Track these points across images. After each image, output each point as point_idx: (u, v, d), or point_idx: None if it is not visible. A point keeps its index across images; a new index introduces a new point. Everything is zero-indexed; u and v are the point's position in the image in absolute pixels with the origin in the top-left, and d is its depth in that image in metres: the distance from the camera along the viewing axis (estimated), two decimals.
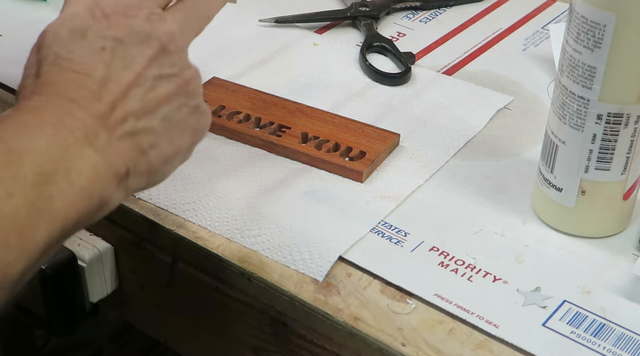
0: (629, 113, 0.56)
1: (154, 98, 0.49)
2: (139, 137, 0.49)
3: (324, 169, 0.67)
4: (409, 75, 0.77)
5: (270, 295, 0.59)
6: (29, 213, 0.42)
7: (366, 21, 0.84)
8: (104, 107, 0.47)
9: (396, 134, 0.69)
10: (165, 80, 0.50)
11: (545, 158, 0.61)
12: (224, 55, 0.80)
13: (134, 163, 0.48)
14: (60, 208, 0.44)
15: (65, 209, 0.44)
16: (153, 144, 0.49)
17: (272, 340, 0.61)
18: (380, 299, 0.57)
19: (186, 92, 0.51)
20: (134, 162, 0.48)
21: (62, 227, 0.44)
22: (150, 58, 0.50)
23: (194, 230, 0.62)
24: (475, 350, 0.54)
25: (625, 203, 0.61)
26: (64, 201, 0.44)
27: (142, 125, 0.49)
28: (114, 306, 0.71)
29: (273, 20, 0.85)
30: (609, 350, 0.54)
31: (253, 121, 0.70)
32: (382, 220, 0.63)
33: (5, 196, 0.42)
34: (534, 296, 0.57)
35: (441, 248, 0.61)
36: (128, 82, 0.48)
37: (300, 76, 0.78)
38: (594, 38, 0.54)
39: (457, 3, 0.90)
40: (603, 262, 0.60)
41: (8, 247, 0.42)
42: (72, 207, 0.44)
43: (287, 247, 0.60)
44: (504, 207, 0.64)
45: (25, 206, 0.42)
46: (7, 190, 0.42)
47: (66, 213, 0.44)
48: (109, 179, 0.47)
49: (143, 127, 0.49)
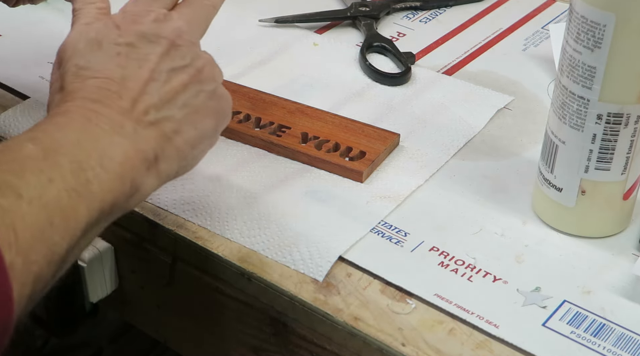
0: (629, 113, 0.56)
1: (170, 89, 0.54)
2: (162, 124, 0.53)
3: (324, 169, 0.67)
4: (409, 75, 0.77)
5: (270, 295, 0.59)
6: (70, 197, 0.47)
7: (366, 21, 0.84)
8: (126, 103, 0.52)
9: (396, 134, 0.69)
10: (179, 72, 0.55)
11: (545, 158, 0.61)
12: (224, 55, 0.80)
13: (161, 149, 0.52)
14: (97, 191, 0.48)
15: (101, 193, 0.48)
16: (176, 130, 0.53)
17: (272, 340, 0.61)
18: (380, 299, 0.57)
19: (200, 79, 0.56)
20: (161, 147, 0.52)
21: (100, 209, 0.48)
22: (162, 54, 0.54)
23: (194, 230, 0.62)
24: (475, 350, 0.54)
25: (625, 203, 0.61)
26: (99, 185, 0.48)
27: (163, 114, 0.53)
28: (114, 306, 0.71)
29: (273, 20, 0.85)
30: (609, 350, 0.54)
31: (253, 121, 0.70)
32: (382, 220, 0.63)
33: (46, 182, 0.46)
34: (534, 296, 0.57)
35: (441, 248, 0.61)
36: (145, 78, 0.53)
37: (300, 76, 0.78)
38: (594, 38, 0.54)
39: (457, 3, 0.90)
40: (603, 262, 0.60)
41: (53, 227, 0.46)
42: (108, 191, 0.49)
43: (287, 247, 0.60)
44: (504, 207, 0.64)
45: (66, 190, 0.47)
46: (48, 177, 0.46)
47: (103, 197, 0.48)
48: (139, 163, 0.51)
49: (164, 116, 0.53)
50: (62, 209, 0.46)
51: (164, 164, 0.53)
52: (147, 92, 0.53)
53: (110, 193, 0.49)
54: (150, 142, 0.52)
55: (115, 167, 0.49)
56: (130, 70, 0.53)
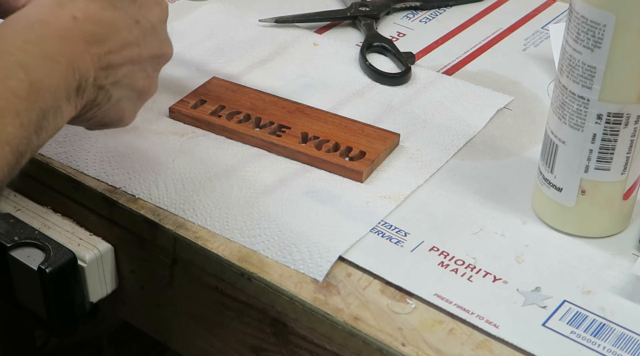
0: (629, 113, 0.56)
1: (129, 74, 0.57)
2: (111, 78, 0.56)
3: (324, 169, 0.67)
4: (409, 75, 0.77)
5: (270, 295, 0.59)
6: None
7: (366, 21, 0.84)
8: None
9: (396, 134, 0.69)
10: (145, 76, 0.59)
11: (545, 158, 0.61)
12: (224, 55, 0.80)
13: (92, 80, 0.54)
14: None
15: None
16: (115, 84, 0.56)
17: (272, 340, 0.61)
18: (380, 299, 0.57)
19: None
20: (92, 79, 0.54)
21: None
22: (155, 56, 0.59)
23: (194, 230, 0.62)
24: (475, 350, 0.54)
25: (625, 203, 0.61)
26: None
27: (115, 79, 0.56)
28: (114, 306, 0.71)
29: (273, 20, 0.85)
30: (609, 350, 0.54)
31: (253, 121, 0.70)
32: (382, 220, 0.63)
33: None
34: (534, 296, 0.57)
35: (441, 248, 0.61)
36: (130, 56, 0.57)
37: (300, 76, 0.78)
38: (593, 38, 0.54)
39: (457, 3, 0.90)
40: (603, 262, 0.60)
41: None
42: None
43: (287, 247, 0.60)
44: (504, 207, 0.64)
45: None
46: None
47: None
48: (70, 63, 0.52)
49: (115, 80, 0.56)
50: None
51: (87, 91, 0.54)
52: (121, 64, 0.56)
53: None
54: (89, 69, 0.53)
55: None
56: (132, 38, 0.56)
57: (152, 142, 0.69)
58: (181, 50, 0.80)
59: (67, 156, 0.68)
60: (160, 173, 0.66)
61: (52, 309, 0.65)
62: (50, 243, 0.65)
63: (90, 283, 0.66)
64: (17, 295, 0.68)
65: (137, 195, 0.64)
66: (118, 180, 0.66)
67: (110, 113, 0.58)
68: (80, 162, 0.67)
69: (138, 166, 0.66)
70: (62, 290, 0.65)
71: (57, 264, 0.63)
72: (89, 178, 0.66)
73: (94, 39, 0.54)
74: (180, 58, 0.79)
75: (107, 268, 0.67)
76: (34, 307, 0.67)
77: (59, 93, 0.51)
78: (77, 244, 0.66)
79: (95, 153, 0.68)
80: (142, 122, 0.71)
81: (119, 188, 0.65)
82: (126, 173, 0.66)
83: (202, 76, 0.76)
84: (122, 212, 0.64)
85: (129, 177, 0.66)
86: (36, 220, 0.68)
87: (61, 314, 0.66)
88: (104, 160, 0.67)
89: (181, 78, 0.76)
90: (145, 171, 0.66)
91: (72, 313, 0.66)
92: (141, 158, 0.67)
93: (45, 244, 0.65)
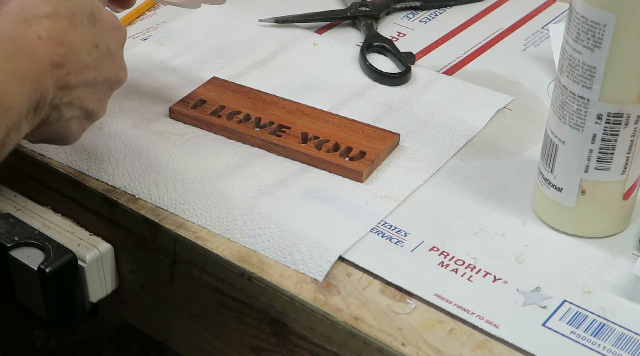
0: (629, 113, 0.56)
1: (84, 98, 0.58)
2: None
3: (324, 169, 0.67)
4: (409, 75, 0.77)
5: (270, 295, 0.59)
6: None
7: (366, 21, 0.84)
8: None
9: (396, 134, 0.69)
10: (97, 99, 0.59)
11: (545, 158, 0.61)
12: (224, 55, 0.80)
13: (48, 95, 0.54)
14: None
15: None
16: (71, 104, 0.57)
17: (272, 340, 0.61)
18: (380, 299, 0.57)
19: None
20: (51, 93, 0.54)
21: None
22: (109, 80, 0.59)
23: (194, 230, 0.62)
24: (475, 350, 0.54)
25: (625, 203, 0.61)
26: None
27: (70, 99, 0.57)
28: (114, 306, 0.71)
29: (273, 20, 0.85)
30: (609, 350, 0.54)
31: (253, 121, 0.70)
32: (382, 220, 0.63)
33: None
34: (534, 296, 0.57)
35: (441, 248, 0.61)
36: (86, 78, 0.57)
37: (300, 76, 0.78)
38: (593, 38, 0.54)
39: (457, 3, 0.90)
40: (603, 262, 0.60)
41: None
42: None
43: (287, 247, 0.60)
44: (504, 207, 0.64)
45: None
46: None
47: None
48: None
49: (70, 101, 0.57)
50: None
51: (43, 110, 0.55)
52: (79, 85, 0.57)
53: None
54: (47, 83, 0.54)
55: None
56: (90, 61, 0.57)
57: (152, 142, 0.69)
58: (181, 50, 0.80)
59: (67, 156, 0.68)
60: (160, 173, 0.66)
61: (52, 309, 0.65)
62: (50, 243, 0.65)
63: (90, 283, 0.66)
64: (17, 295, 0.68)
65: (137, 195, 0.64)
66: (118, 180, 0.66)
67: (57, 132, 0.58)
68: (80, 162, 0.67)
69: (138, 166, 0.66)
70: (62, 290, 0.65)
71: (57, 264, 0.63)
72: (89, 178, 0.66)
73: (57, 59, 0.54)
74: (181, 58, 0.79)
75: (107, 268, 0.67)
76: (34, 307, 0.67)
77: (22, 111, 0.52)
78: (77, 244, 0.66)
79: (95, 153, 0.68)
80: (142, 122, 0.71)
81: (119, 188, 0.65)
82: (126, 173, 0.66)
83: (202, 76, 0.76)
84: (122, 212, 0.64)
85: (129, 177, 0.66)
86: (36, 220, 0.68)
87: (61, 314, 0.66)
88: (104, 160, 0.67)
89: (181, 78, 0.76)
90: (145, 171, 0.66)
91: (72, 313, 0.66)
92: (141, 158, 0.67)
93: (45, 244, 0.65)
